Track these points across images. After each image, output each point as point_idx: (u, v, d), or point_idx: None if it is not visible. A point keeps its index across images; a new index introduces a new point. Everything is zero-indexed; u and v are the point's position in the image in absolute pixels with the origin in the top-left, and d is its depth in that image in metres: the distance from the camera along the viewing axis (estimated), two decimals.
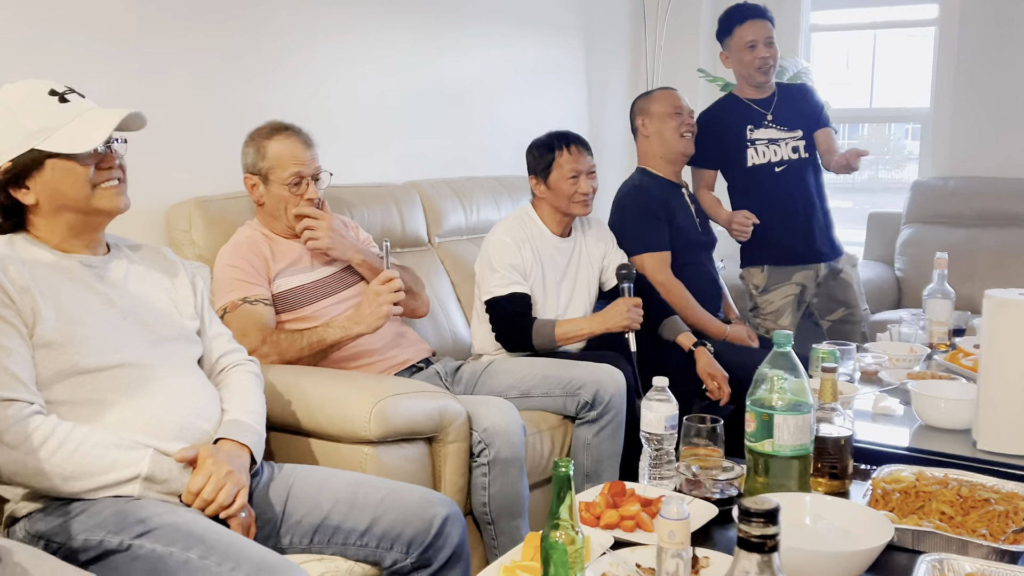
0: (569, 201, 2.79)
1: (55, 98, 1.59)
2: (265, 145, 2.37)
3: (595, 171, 2.83)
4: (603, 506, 1.67)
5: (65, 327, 1.58)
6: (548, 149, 2.81)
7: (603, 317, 2.71)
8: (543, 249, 2.81)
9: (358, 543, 1.68)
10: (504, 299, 2.68)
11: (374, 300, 2.25)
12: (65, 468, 1.49)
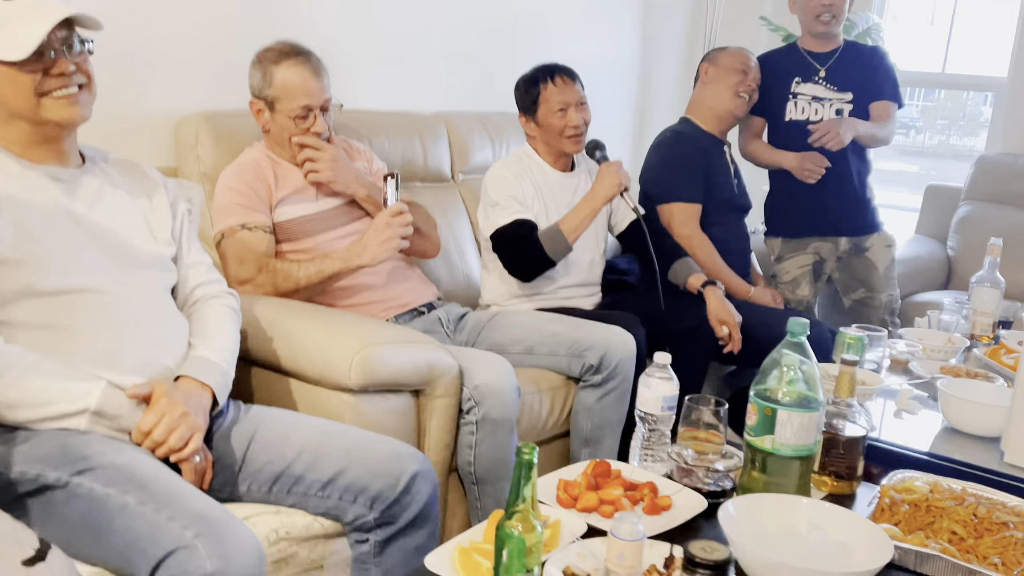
0: (560, 136, 2.63)
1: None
2: (272, 71, 2.21)
3: (586, 102, 2.67)
4: (583, 487, 1.55)
5: (24, 244, 1.47)
6: (533, 83, 2.66)
7: (596, 190, 2.55)
8: (544, 185, 2.67)
9: (319, 494, 1.58)
10: (508, 227, 2.55)
11: (382, 232, 2.12)
12: (9, 395, 1.40)
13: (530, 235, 2.54)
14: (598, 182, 2.56)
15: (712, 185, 2.97)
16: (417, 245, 2.41)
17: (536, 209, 2.61)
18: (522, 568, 1.16)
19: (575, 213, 2.55)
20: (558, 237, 2.52)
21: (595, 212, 2.55)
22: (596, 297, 2.79)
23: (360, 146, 2.53)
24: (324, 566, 1.60)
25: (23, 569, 1.11)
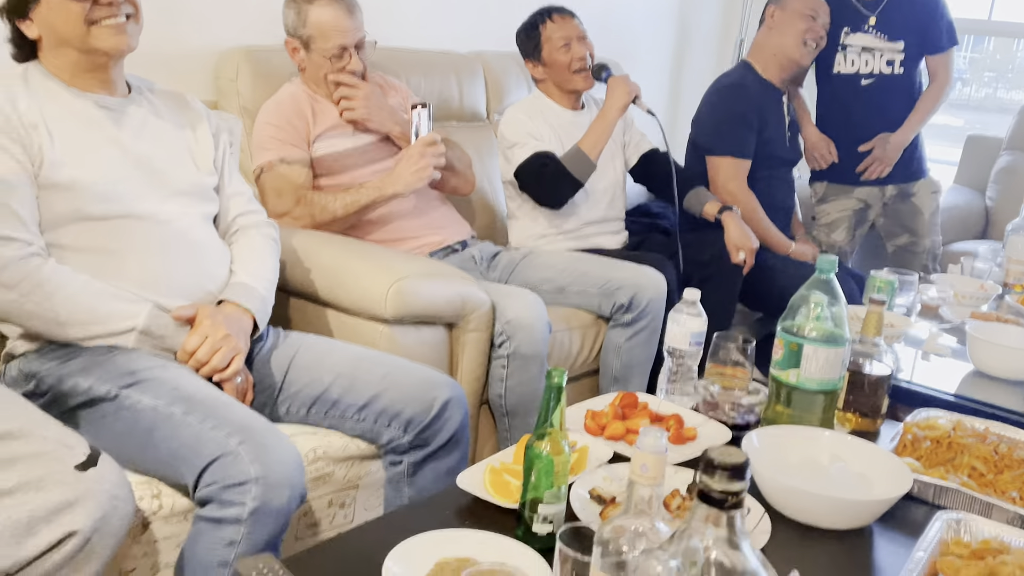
0: (568, 72, 2.65)
1: None
2: (307, 10, 2.23)
3: (587, 36, 2.68)
4: (610, 416, 1.59)
5: (73, 170, 1.52)
6: (532, 27, 2.69)
7: (609, 103, 2.58)
8: (557, 124, 2.68)
9: (355, 417, 1.64)
10: (530, 159, 2.58)
11: (416, 161, 2.17)
12: (60, 313, 1.46)
13: (552, 161, 2.57)
14: (609, 96, 2.58)
15: (764, 140, 2.94)
16: (451, 182, 2.45)
17: (553, 146, 2.63)
18: (550, 486, 1.21)
19: (592, 130, 2.57)
20: (580, 156, 2.55)
21: (611, 125, 2.57)
22: (622, 235, 2.82)
23: (396, 82, 2.55)
24: (359, 485, 1.67)
25: (76, 473, 1.17)
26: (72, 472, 1.17)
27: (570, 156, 2.55)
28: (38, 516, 1.13)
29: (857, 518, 1.28)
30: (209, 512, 1.33)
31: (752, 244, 2.63)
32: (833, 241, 3.27)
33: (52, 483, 1.15)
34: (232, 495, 1.31)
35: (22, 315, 1.46)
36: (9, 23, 1.56)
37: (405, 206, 2.34)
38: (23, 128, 1.48)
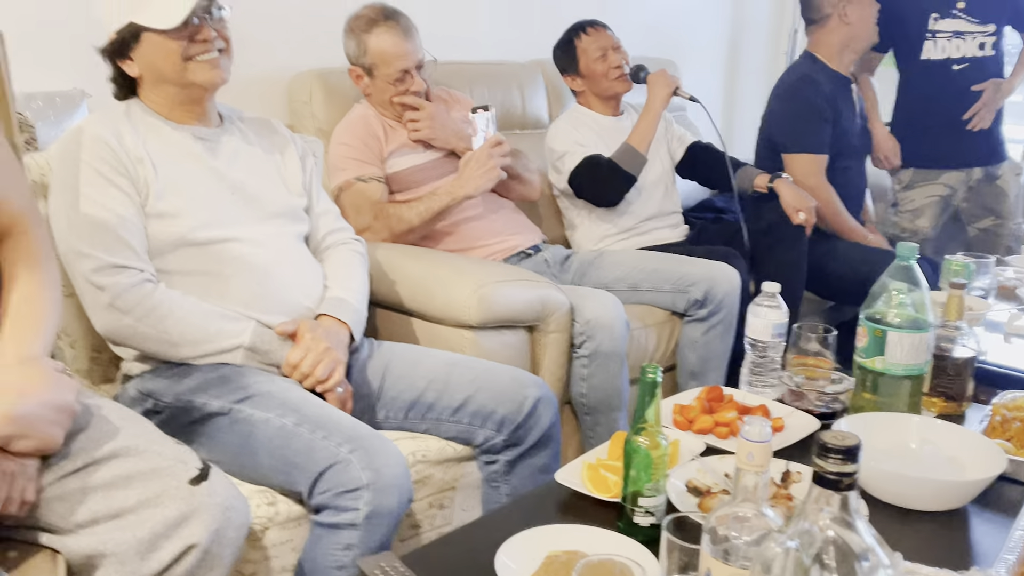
0: (607, 80, 2.74)
1: None
2: (366, 40, 2.32)
3: (620, 45, 2.76)
4: (698, 410, 1.63)
5: (176, 199, 1.62)
6: (568, 43, 2.79)
7: (651, 98, 2.66)
8: (601, 132, 2.75)
9: (450, 420, 1.70)
10: (581, 165, 2.65)
11: (484, 162, 2.23)
12: (172, 335, 1.55)
13: (603, 161, 2.63)
14: (651, 91, 2.66)
15: (839, 132, 2.93)
16: (518, 189, 2.52)
17: (600, 151, 2.68)
18: (649, 480, 1.25)
19: (639, 125, 2.65)
20: (630, 150, 2.61)
21: (657, 117, 2.64)
22: (682, 228, 2.87)
23: (459, 95, 2.63)
24: (457, 487, 1.73)
25: (190, 488, 1.22)
26: (186, 487, 1.21)
27: (620, 152, 2.62)
28: (159, 532, 1.18)
29: (954, 499, 1.31)
30: (325, 518, 1.41)
31: (809, 203, 2.65)
32: (917, 227, 3.22)
33: (169, 499, 1.20)
34: (346, 501, 1.38)
35: (137, 338, 1.56)
36: (112, 64, 1.66)
37: (476, 213, 2.41)
38: (129, 163, 1.58)
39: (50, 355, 1.25)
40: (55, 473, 1.19)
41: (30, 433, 1.13)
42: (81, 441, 1.22)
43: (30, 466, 1.16)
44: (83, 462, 1.20)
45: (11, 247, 1.29)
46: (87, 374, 1.81)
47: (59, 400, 1.17)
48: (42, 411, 1.14)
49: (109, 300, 1.53)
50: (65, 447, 1.20)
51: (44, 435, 1.15)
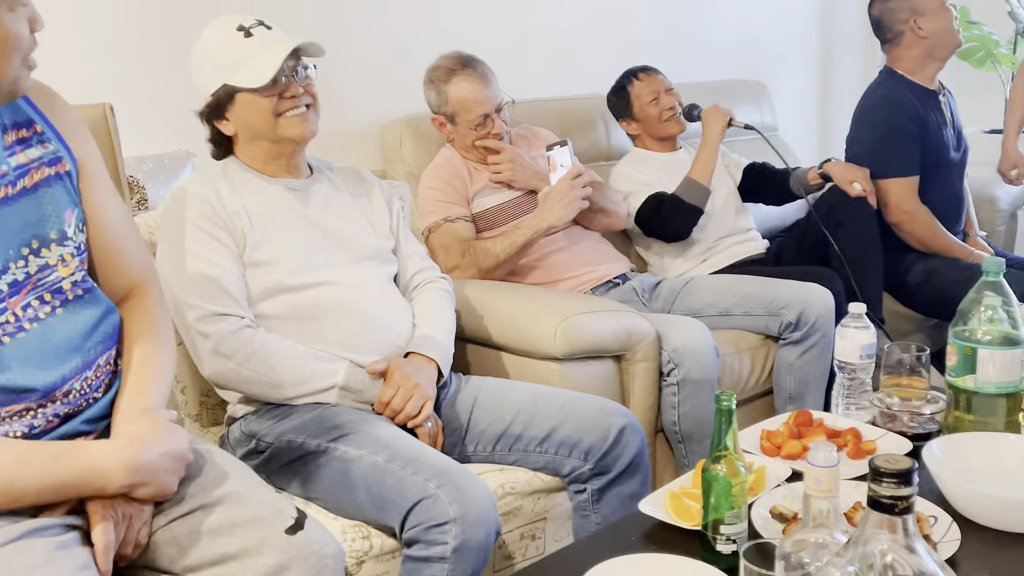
0: (661, 123, 2.79)
1: (241, 33, 1.69)
2: (445, 90, 2.41)
3: (673, 88, 2.81)
4: (786, 435, 1.62)
5: (272, 248, 1.72)
6: (620, 89, 2.86)
7: (707, 132, 2.71)
8: (661, 167, 2.79)
9: (538, 450, 1.74)
10: (645, 204, 2.69)
11: (566, 194, 2.28)
12: (271, 377, 1.64)
13: (668, 198, 2.66)
14: (706, 125, 2.72)
15: (929, 148, 2.83)
16: (603, 221, 2.55)
17: (664, 187, 2.71)
18: (730, 507, 1.25)
19: (698, 159, 2.70)
20: (692, 184, 2.65)
21: (715, 149, 2.69)
22: (761, 242, 2.86)
23: (541, 131, 2.68)
24: (547, 517, 1.76)
25: (287, 537, 1.26)
26: (283, 536, 1.25)
27: (683, 187, 2.66)
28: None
29: None
30: (416, 552, 1.46)
31: (860, 171, 2.64)
32: None
33: (268, 548, 1.23)
34: (435, 535, 1.43)
35: (240, 381, 1.65)
36: (209, 125, 1.78)
37: (561, 246, 2.45)
38: (227, 216, 1.69)
39: (165, 406, 1.35)
40: (167, 517, 1.27)
41: (150, 481, 1.22)
42: (192, 487, 1.29)
43: (146, 511, 1.24)
44: (191, 507, 1.27)
45: (132, 307, 1.40)
46: (197, 417, 1.93)
47: (175, 449, 1.25)
48: (160, 460, 1.23)
49: (213, 346, 1.63)
50: (177, 493, 1.28)
51: (162, 483, 1.24)
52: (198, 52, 1.74)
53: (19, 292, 1.21)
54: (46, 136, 1.29)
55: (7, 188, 1.22)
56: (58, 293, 1.26)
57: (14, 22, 1.14)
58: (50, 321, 1.24)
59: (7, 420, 1.19)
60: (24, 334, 1.21)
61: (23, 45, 1.17)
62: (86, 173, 1.33)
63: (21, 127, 1.26)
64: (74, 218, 1.29)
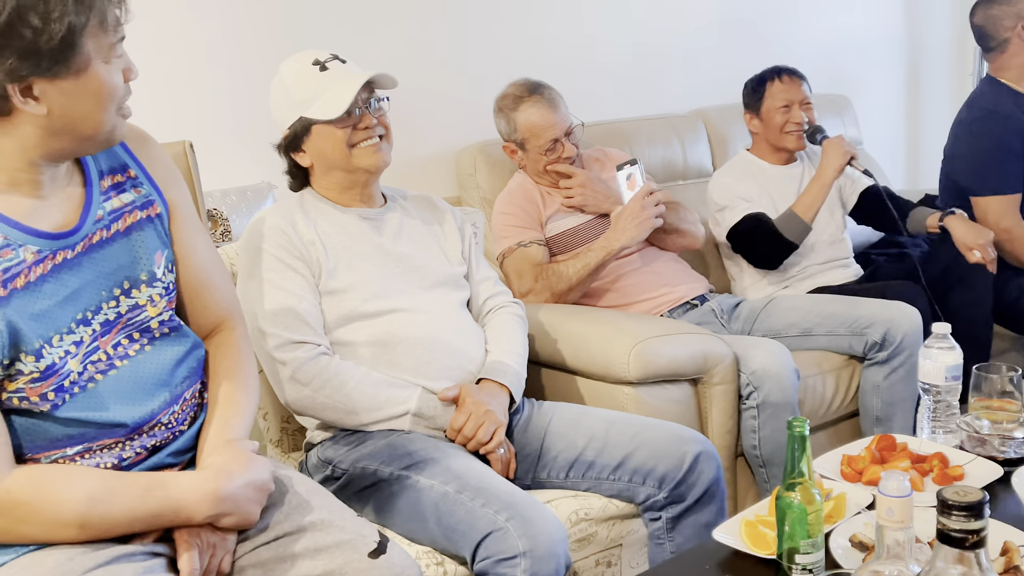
0: (781, 132, 2.68)
1: (316, 67, 1.74)
2: (514, 117, 2.44)
3: (811, 103, 2.69)
4: (867, 461, 1.57)
5: (347, 276, 1.75)
6: (760, 82, 2.73)
7: (824, 166, 2.57)
8: (766, 181, 2.70)
9: (611, 478, 1.72)
10: (741, 223, 2.61)
11: (638, 213, 2.26)
12: (346, 403, 1.67)
13: (765, 224, 2.58)
14: (824, 158, 2.58)
15: None
16: (679, 241, 2.52)
17: (763, 204, 2.64)
18: (804, 536, 1.22)
19: (807, 193, 2.57)
20: (795, 218, 2.55)
21: (826, 188, 2.56)
22: (853, 268, 2.76)
23: (615, 152, 2.67)
24: (623, 544, 1.74)
25: (370, 561, 1.27)
26: (367, 560, 1.27)
27: (784, 219, 2.57)
28: None
29: None
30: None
31: (984, 238, 2.49)
32: None
33: (351, 571, 1.26)
34: (505, 568, 1.43)
35: (316, 408, 1.69)
36: (286, 157, 1.83)
37: (636, 267, 2.43)
38: (303, 246, 1.73)
39: (248, 437, 1.38)
40: (251, 544, 1.30)
41: (234, 511, 1.25)
42: (275, 515, 1.32)
43: (230, 539, 1.28)
44: (275, 535, 1.30)
45: (219, 342, 1.44)
46: (278, 443, 1.97)
47: (257, 480, 1.29)
48: (244, 491, 1.26)
49: (290, 373, 1.67)
50: (261, 520, 1.31)
51: (245, 512, 1.27)
52: (276, 87, 1.80)
53: (110, 331, 1.27)
54: (139, 180, 1.34)
55: (102, 232, 1.27)
56: (146, 332, 1.31)
57: (110, 73, 1.19)
58: (139, 358, 1.29)
59: (98, 452, 1.24)
60: (115, 371, 1.26)
61: (118, 95, 1.22)
62: (177, 215, 1.38)
63: (116, 172, 1.32)
64: (164, 259, 1.34)
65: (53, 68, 1.13)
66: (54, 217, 1.23)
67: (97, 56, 1.17)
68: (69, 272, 1.23)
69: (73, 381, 1.21)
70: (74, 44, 1.13)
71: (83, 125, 1.19)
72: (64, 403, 1.20)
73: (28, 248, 1.19)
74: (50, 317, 1.20)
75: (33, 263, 1.19)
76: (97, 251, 1.26)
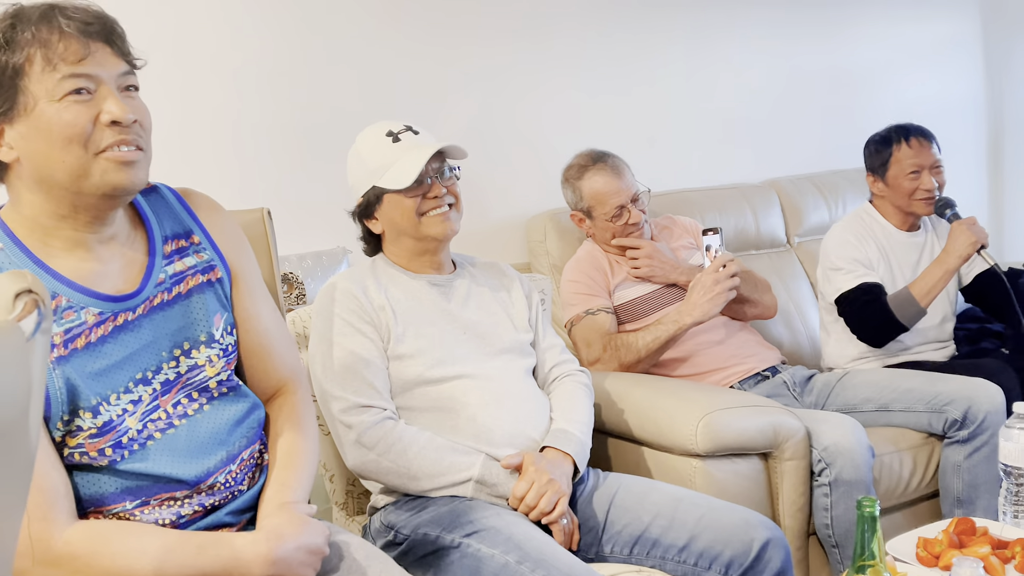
0: (910, 199, 2.56)
1: (390, 139, 1.80)
2: (579, 186, 2.47)
3: (941, 166, 2.55)
4: (945, 544, 1.51)
5: (414, 341, 1.77)
6: (885, 143, 2.58)
7: (949, 250, 2.42)
8: (888, 246, 2.59)
9: (676, 559, 1.67)
10: (854, 291, 2.50)
11: (710, 288, 2.22)
12: (410, 468, 1.68)
13: (878, 299, 2.46)
14: (951, 242, 2.44)
15: None
16: (751, 312, 2.49)
17: (881, 271, 2.55)
18: None
19: (927, 276, 2.44)
20: (910, 301, 2.43)
21: (950, 274, 2.43)
22: (950, 348, 2.64)
23: (688, 222, 2.67)
24: None
25: None
26: None
27: (899, 300, 2.44)
28: None
29: None
30: None
31: None
32: None
33: None
34: None
35: (381, 472, 1.70)
36: (360, 224, 1.88)
37: (708, 338, 2.40)
38: (373, 311, 1.76)
39: (307, 500, 1.40)
40: None
41: (287, 573, 1.26)
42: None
43: None
44: None
45: (280, 404, 1.47)
46: (344, 506, 1.98)
47: (311, 543, 1.29)
48: (296, 554, 1.27)
49: (356, 437, 1.69)
50: None
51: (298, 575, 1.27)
52: (352, 156, 1.86)
53: (170, 391, 1.30)
54: (202, 246, 1.38)
55: (163, 294, 1.32)
56: (205, 391, 1.34)
57: (59, 112, 1.16)
58: (197, 417, 1.32)
59: (156, 507, 1.27)
60: (173, 430, 1.30)
61: (79, 135, 1.17)
62: (239, 281, 1.41)
63: (180, 238, 1.37)
64: (223, 322, 1.37)
65: (2, 110, 1.16)
66: (117, 280, 1.27)
67: (43, 95, 1.16)
68: (129, 333, 1.26)
69: (132, 438, 1.24)
70: (14, 85, 1.15)
71: (50, 168, 1.18)
72: (123, 459, 1.24)
73: (90, 310, 1.23)
74: (108, 376, 1.23)
75: (94, 324, 1.23)
76: (158, 313, 1.30)
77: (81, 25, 1.18)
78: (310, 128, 2.57)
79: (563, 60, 2.92)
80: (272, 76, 2.52)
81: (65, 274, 1.23)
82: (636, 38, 3.05)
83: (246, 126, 2.49)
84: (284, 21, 2.53)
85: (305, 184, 2.56)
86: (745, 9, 3.27)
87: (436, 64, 2.72)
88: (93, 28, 1.20)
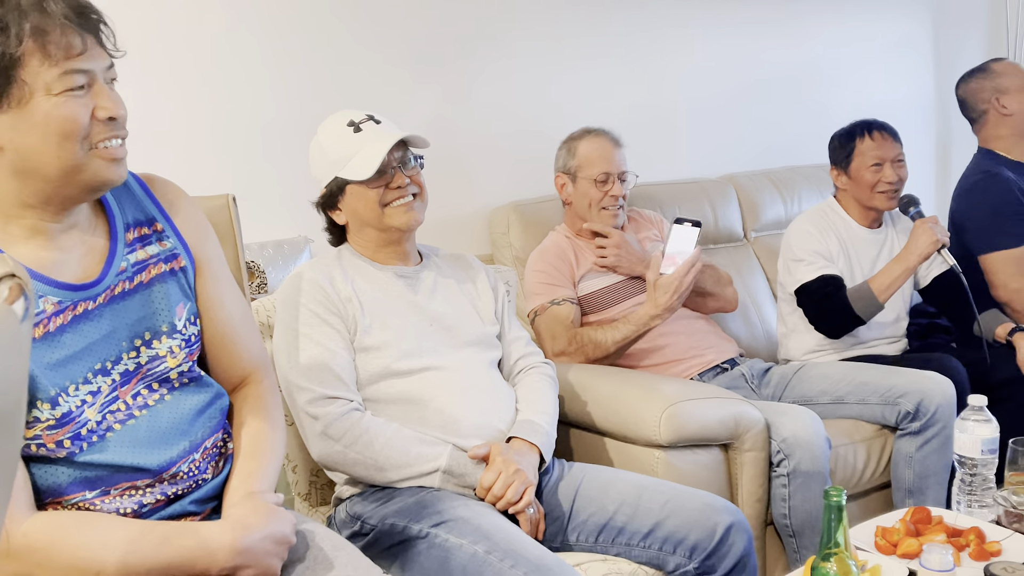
0: (872, 192, 2.61)
1: (351, 128, 1.78)
2: (576, 145, 2.51)
3: (903, 159, 2.61)
4: (902, 533, 1.55)
5: (381, 333, 1.76)
6: (849, 137, 2.64)
7: (911, 248, 2.47)
8: (849, 240, 2.65)
9: (641, 545, 1.70)
10: (814, 282, 2.54)
11: (679, 288, 2.18)
12: (377, 460, 1.67)
13: (837, 292, 2.51)
14: (912, 240, 2.48)
15: None
16: (712, 305, 2.52)
17: (840, 265, 2.59)
18: None
19: (887, 272, 2.49)
20: (869, 296, 2.48)
21: (909, 272, 2.48)
22: (901, 343, 2.71)
23: (652, 214, 2.69)
24: None
25: None
26: None
27: (858, 294, 2.49)
28: None
29: None
30: None
31: None
32: None
33: None
34: None
35: (347, 463, 1.69)
36: (324, 214, 1.86)
37: (668, 329, 2.42)
38: (340, 302, 1.75)
39: (273, 490, 1.38)
40: None
41: (253, 563, 1.24)
42: (298, 570, 1.32)
43: None
44: None
45: (246, 393, 1.46)
46: (307, 497, 1.97)
47: (278, 532, 1.28)
48: (264, 544, 1.25)
49: (322, 429, 1.68)
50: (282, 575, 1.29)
51: (265, 565, 1.26)
52: (314, 147, 1.84)
53: (130, 382, 1.28)
54: (166, 234, 1.35)
55: (124, 283, 1.29)
56: (165, 382, 1.32)
57: (58, 106, 1.13)
58: (158, 408, 1.30)
59: (117, 497, 1.25)
60: (134, 421, 1.27)
61: (76, 130, 1.15)
62: (204, 269, 1.39)
63: (142, 225, 1.34)
64: (186, 311, 1.35)
65: None
66: (76, 269, 1.24)
67: (40, 88, 1.13)
68: (89, 323, 1.24)
69: (91, 430, 1.22)
70: (9, 75, 1.12)
71: (40, 162, 1.15)
72: (81, 451, 1.21)
73: (49, 299, 1.20)
74: (67, 367, 1.21)
75: (53, 313, 1.20)
76: (118, 302, 1.27)
77: (74, 16, 1.15)
78: (276, 113, 2.54)
79: (526, 53, 2.92)
80: (235, 65, 2.49)
81: (24, 261, 1.19)
82: (594, 32, 3.06)
83: (211, 110, 2.45)
84: (246, 10, 2.49)
85: (267, 172, 2.53)
86: (703, 5, 3.30)
87: (399, 54, 2.70)
88: (86, 20, 1.17)
